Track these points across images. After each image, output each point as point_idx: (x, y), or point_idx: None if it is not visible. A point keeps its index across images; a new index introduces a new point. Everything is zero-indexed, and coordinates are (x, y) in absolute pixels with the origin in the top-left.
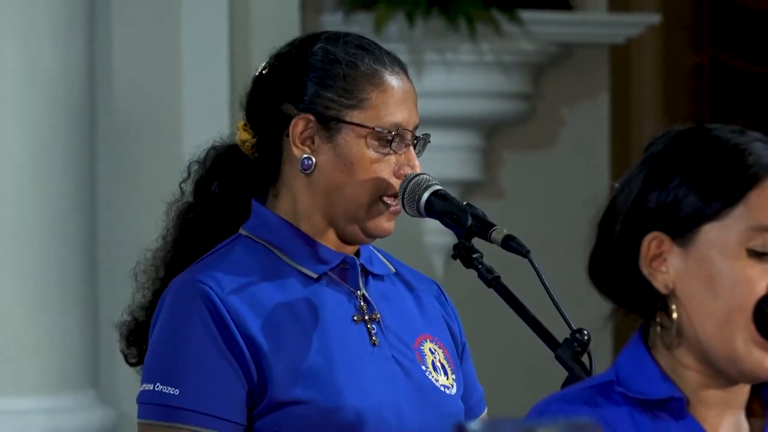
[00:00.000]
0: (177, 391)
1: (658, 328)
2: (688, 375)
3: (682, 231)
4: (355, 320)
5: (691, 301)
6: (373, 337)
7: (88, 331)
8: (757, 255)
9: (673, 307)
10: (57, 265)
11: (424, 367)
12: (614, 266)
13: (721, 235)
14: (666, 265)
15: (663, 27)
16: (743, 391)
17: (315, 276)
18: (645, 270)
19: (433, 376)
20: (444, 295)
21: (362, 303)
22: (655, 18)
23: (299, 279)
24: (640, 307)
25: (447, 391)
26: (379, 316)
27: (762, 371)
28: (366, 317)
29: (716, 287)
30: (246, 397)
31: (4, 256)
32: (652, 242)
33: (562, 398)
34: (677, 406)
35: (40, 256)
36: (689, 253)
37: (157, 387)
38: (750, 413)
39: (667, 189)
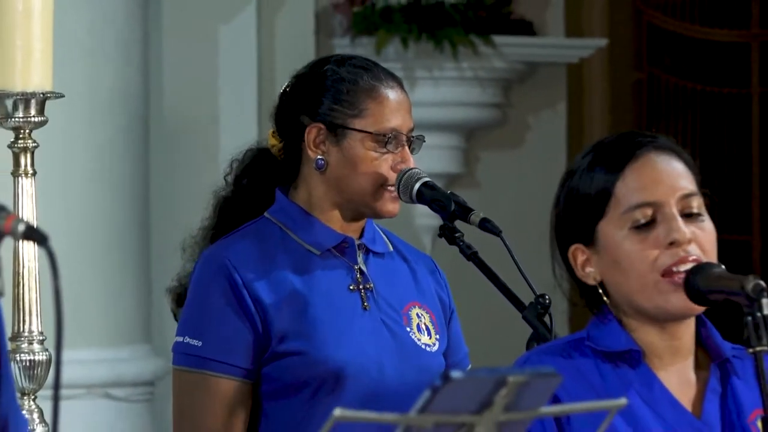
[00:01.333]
0: (200, 343)
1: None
2: (640, 334)
3: (587, 236)
4: (350, 289)
5: (615, 284)
6: (365, 303)
7: (143, 296)
8: (638, 228)
9: (603, 293)
10: (119, 242)
11: (408, 329)
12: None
13: (610, 227)
14: (590, 265)
15: (609, 49)
16: (688, 343)
17: (318, 252)
18: (578, 273)
19: (416, 336)
20: (437, 268)
21: (358, 275)
22: (602, 42)
23: (305, 254)
24: (588, 298)
25: (428, 349)
26: (372, 285)
27: (682, 309)
28: (360, 287)
29: (624, 268)
30: (254, 349)
31: (78, 237)
32: (575, 252)
33: (542, 351)
34: (635, 357)
35: (106, 236)
36: (598, 250)
37: (185, 339)
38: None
39: (566, 209)
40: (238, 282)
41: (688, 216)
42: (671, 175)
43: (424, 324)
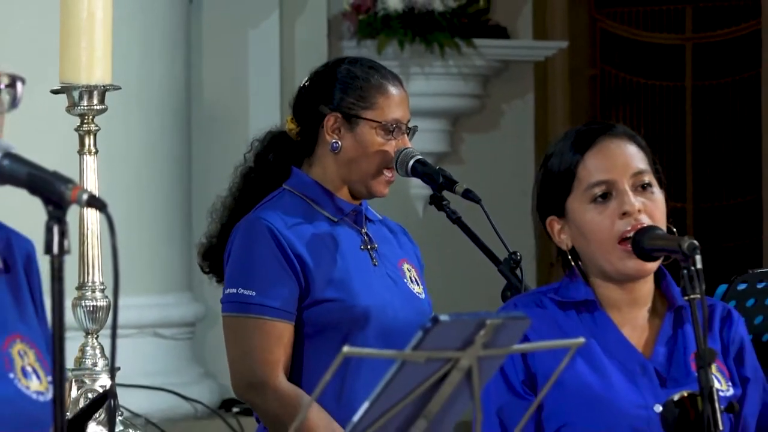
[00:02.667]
0: (254, 293)
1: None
2: (603, 290)
3: (559, 209)
4: (362, 248)
5: (582, 250)
6: (374, 260)
7: (185, 252)
8: (596, 202)
9: (573, 257)
10: (165, 209)
11: (405, 280)
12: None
13: (575, 202)
14: (563, 233)
15: (569, 50)
16: (644, 296)
17: (336, 219)
18: (555, 240)
19: (410, 286)
20: (408, 235)
21: (366, 237)
22: (564, 44)
23: (325, 220)
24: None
25: (420, 296)
26: (376, 245)
27: (638, 270)
28: (369, 247)
29: (587, 236)
30: (297, 297)
31: (132, 204)
32: (551, 223)
33: (520, 300)
34: (592, 306)
35: (154, 203)
36: (568, 221)
37: (239, 290)
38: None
39: (542, 186)
40: (282, 242)
41: (642, 189)
42: (624, 157)
43: (413, 276)
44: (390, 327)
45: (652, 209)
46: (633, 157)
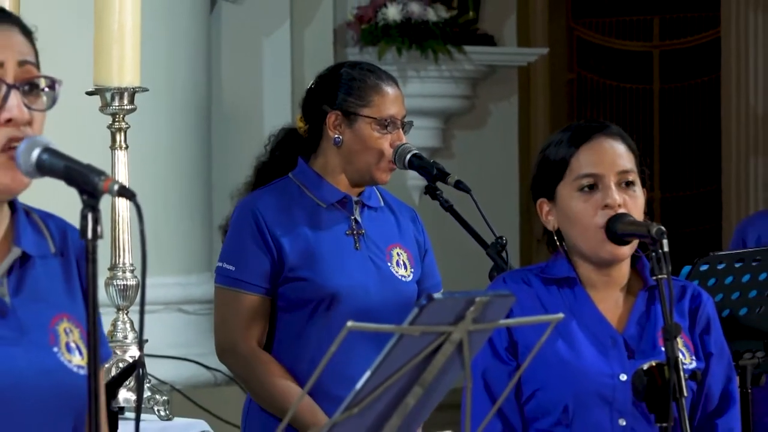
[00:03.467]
0: (234, 268)
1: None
2: (582, 269)
3: (550, 193)
4: (347, 233)
5: (566, 232)
6: (357, 244)
7: (206, 236)
8: (582, 192)
9: (558, 238)
10: (189, 197)
11: (389, 264)
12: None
13: (565, 189)
14: (551, 215)
15: (549, 55)
16: (620, 277)
17: (325, 205)
18: (542, 220)
19: (394, 269)
20: (417, 217)
21: (353, 224)
22: (544, 50)
23: (315, 206)
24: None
25: (404, 279)
26: (363, 231)
27: (614, 255)
28: (354, 232)
29: (572, 220)
30: (271, 273)
31: (159, 193)
32: (541, 204)
33: (508, 277)
34: (573, 282)
35: (179, 193)
36: (557, 206)
37: (224, 264)
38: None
39: (541, 170)
40: (261, 225)
41: (626, 186)
42: (614, 155)
43: (403, 260)
44: (364, 307)
45: (631, 205)
46: (621, 156)
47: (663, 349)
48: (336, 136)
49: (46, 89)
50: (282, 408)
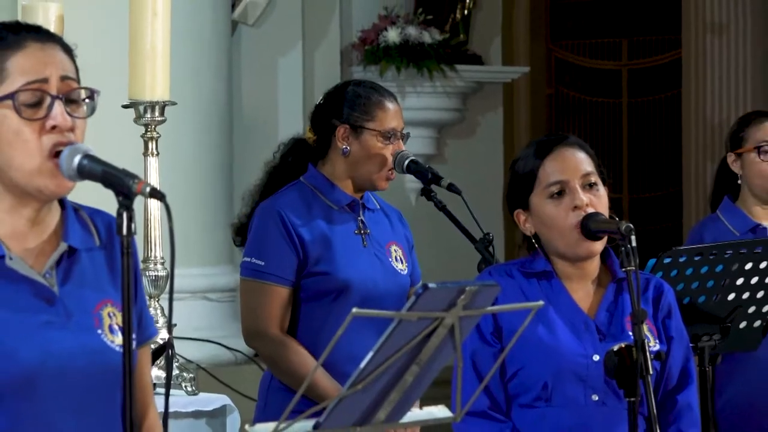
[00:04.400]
0: (263, 263)
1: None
2: (558, 265)
3: (524, 204)
4: (355, 233)
5: (543, 235)
6: (364, 242)
7: (227, 233)
8: (553, 198)
9: (536, 241)
10: (212, 198)
11: (390, 259)
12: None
13: (537, 198)
14: (528, 222)
15: (530, 73)
16: (592, 271)
17: (336, 207)
18: (521, 228)
19: (394, 264)
20: (403, 217)
21: (360, 224)
22: (526, 69)
23: (327, 208)
24: (528, 244)
25: (402, 272)
26: (369, 231)
27: (589, 251)
28: (361, 231)
29: (547, 225)
30: (297, 268)
31: (186, 194)
32: (518, 215)
33: (494, 270)
34: (550, 275)
35: (203, 194)
36: (532, 213)
37: (253, 260)
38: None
39: (513, 184)
40: (287, 223)
41: (590, 187)
42: (575, 162)
43: (399, 256)
44: (371, 296)
45: (596, 203)
46: (582, 162)
47: (630, 332)
48: (344, 146)
49: (86, 100)
50: (314, 388)
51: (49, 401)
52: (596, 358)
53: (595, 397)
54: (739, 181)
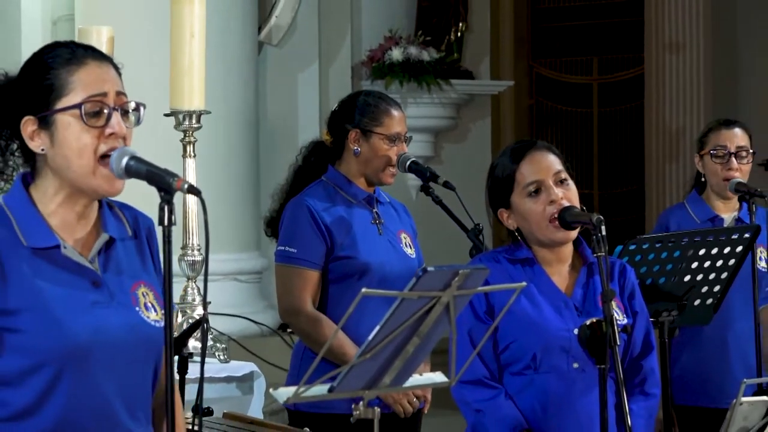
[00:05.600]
0: (295, 250)
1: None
2: (538, 252)
3: (506, 203)
4: (372, 222)
5: (524, 228)
6: (380, 231)
7: (255, 223)
8: (530, 196)
9: (519, 234)
10: (242, 194)
11: (401, 245)
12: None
13: (517, 197)
14: (511, 219)
15: (514, 87)
16: (566, 255)
17: (354, 201)
18: (504, 224)
19: (405, 250)
20: (408, 211)
21: (375, 215)
22: (510, 83)
23: (347, 202)
24: (512, 237)
25: (411, 256)
26: (383, 221)
27: (565, 238)
28: (377, 221)
29: (527, 219)
30: (324, 254)
31: (219, 190)
32: (501, 213)
33: (483, 257)
34: (531, 261)
35: (234, 190)
36: (514, 211)
37: (287, 248)
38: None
39: (493, 187)
40: (316, 217)
41: (561, 183)
42: (547, 162)
43: (408, 242)
44: (387, 277)
45: (569, 196)
46: (553, 162)
47: (601, 309)
48: (355, 148)
49: (133, 111)
50: (338, 353)
51: (98, 368)
52: (576, 331)
53: (576, 365)
54: (703, 179)
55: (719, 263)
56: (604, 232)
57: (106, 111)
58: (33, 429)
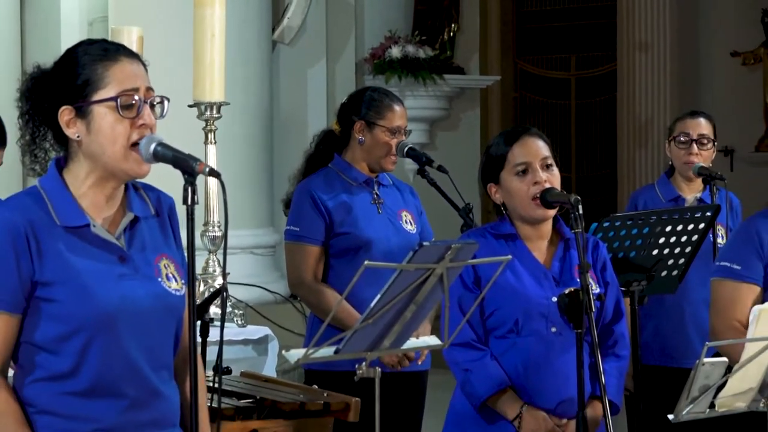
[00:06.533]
0: (299, 229)
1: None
2: (521, 229)
3: (496, 179)
4: (371, 203)
5: (509, 204)
6: (379, 210)
7: (269, 203)
8: (518, 176)
9: (504, 209)
10: (258, 177)
11: (401, 222)
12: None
13: (506, 175)
14: (498, 193)
15: (501, 81)
16: (546, 232)
17: (355, 184)
18: (492, 198)
19: (404, 226)
20: (414, 191)
21: (375, 196)
22: (498, 77)
23: (348, 185)
24: (497, 211)
25: (411, 233)
26: (383, 201)
27: (545, 216)
28: (376, 202)
29: (514, 195)
30: (325, 230)
31: (238, 175)
32: (491, 187)
33: (471, 232)
34: (514, 237)
35: (250, 173)
36: (502, 187)
37: (292, 227)
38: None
39: (486, 164)
40: (316, 198)
41: (547, 167)
42: (537, 148)
43: (409, 220)
44: (386, 251)
45: (552, 180)
46: (541, 148)
47: (578, 279)
48: (360, 137)
49: (158, 104)
50: (341, 320)
51: (125, 333)
52: (554, 299)
53: (554, 329)
54: (670, 162)
55: (683, 239)
56: (581, 211)
57: (137, 104)
58: (72, 389)
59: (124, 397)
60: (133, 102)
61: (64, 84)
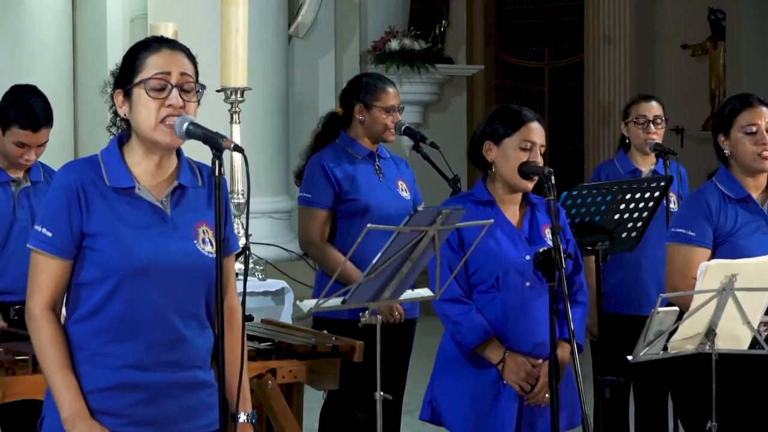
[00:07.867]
0: (310, 195)
1: (494, 176)
2: (500, 193)
3: (497, 140)
4: (373, 173)
5: (501, 165)
6: (380, 179)
7: (286, 175)
8: (522, 150)
9: (494, 169)
10: (276, 153)
11: (398, 190)
12: (477, 156)
13: (512, 142)
14: (491, 152)
15: (484, 70)
16: (518, 197)
17: (359, 156)
18: (484, 153)
19: (401, 193)
20: (407, 165)
21: (377, 167)
22: (481, 66)
23: (352, 158)
24: (484, 168)
25: (406, 199)
26: (383, 172)
27: (524, 187)
28: (378, 172)
29: (507, 160)
30: (333, 197)
31: (260, 150)
32: (488, 144)
33: (456, 198)
34: (491, 203)
35: (271, 149)
36: (499, 148)
37: (304, 194)
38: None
39: (490, 125)
40: (326, 169)
41: (540, 153)
42: (537, 129)
43: (404, 188)
44: (386, 215)
45: (539, 161)
46: (540, 129)
47: (544, 238)
48: (360, 117)
49: (196, 91)
50: (345, 275)
51: (154, 283)
52: (528, 257)
53: (528, 284)
54: (627, 140)
55: (641, 205)
56: (553, 181)
57: (168, 87)
58: (101, 323)
59: (147, 338)
60: (162, 84)
61: (120, 73)
